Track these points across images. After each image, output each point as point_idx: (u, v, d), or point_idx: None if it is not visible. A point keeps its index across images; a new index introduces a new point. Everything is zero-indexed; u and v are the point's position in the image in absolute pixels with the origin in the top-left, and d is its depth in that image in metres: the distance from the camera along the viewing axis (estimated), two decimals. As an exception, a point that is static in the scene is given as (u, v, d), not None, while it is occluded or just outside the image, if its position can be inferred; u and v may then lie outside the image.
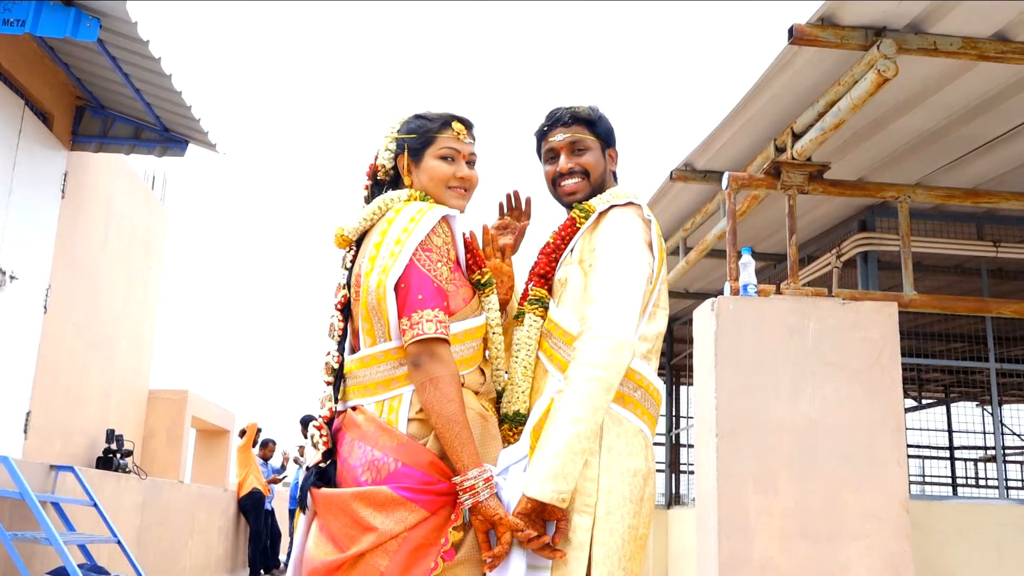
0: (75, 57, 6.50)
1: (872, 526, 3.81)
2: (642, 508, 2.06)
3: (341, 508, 1.96)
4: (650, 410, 2.13)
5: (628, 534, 2.02)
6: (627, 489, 2.04)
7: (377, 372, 2.06)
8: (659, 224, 2.29)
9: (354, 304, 2.13)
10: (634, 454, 2.07)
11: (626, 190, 2.29)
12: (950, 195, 4.82)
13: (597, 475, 2.02)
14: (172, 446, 9.86)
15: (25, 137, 6.41)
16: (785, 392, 3.89)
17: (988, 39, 3.74)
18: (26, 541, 5.24)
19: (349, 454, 2.03)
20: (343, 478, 2.03)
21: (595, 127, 2.31)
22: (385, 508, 1.92)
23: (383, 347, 2.05)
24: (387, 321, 2.03)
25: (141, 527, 7.74)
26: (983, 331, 6.23)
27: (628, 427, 2.08)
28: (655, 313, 2.17)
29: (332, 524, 1.98)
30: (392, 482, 1.94)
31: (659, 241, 2.20)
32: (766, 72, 4.11)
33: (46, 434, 7.06)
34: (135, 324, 9.11)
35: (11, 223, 6.31)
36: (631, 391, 2.09)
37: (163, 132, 7.20)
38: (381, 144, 2.27)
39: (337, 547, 1.96)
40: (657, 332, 2.17)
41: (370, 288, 2.04)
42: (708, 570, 3.82)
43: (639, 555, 2.06)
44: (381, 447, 1.98)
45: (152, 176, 9.74)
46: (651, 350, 2.16)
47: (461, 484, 1.92)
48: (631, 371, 2.07)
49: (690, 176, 5.29)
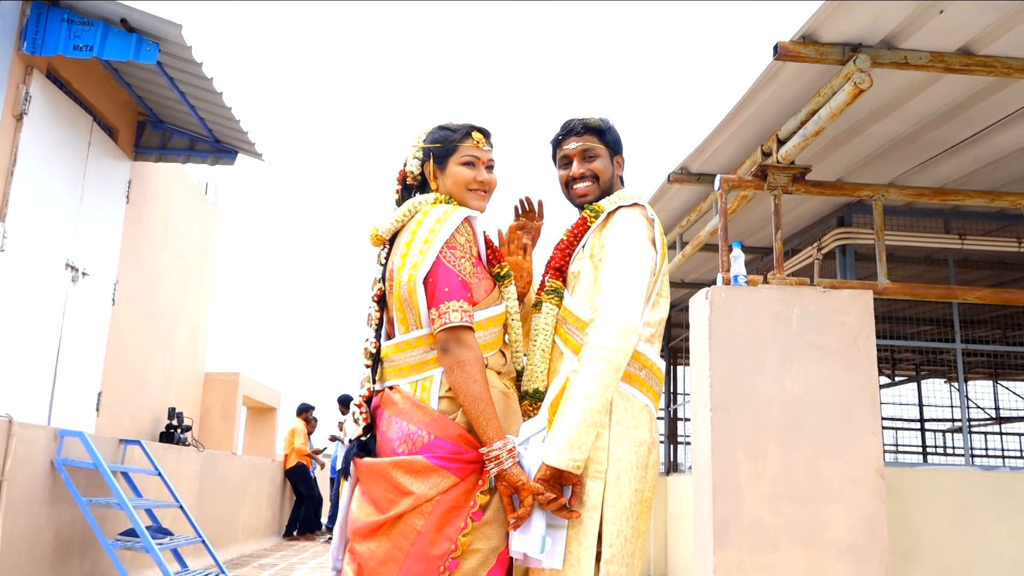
0: (137, 78, 6.56)
1: (850, 489, 3.82)
2: (647, 474, 2.10)
3: (382, 475, 2.03)
4: (654, 387, 2.16)
5: (635, 497, 2.06)
6: (634, 457, 2.07)
7: (411, 356, 2.11)
8: (660, 222, 2.31)
9: (388, 296, 2.17)
10: (640, 426, 2.11)
11: (632, 192, 2.31)
12: (920, 193, 4.79)
13: (607, 445, 2.06)
14: (226, 422, 9.95)
15: (94, 150, 6.47)
16: (772, 371, 3.90)
17: (954, 53, 3.72)
18: (100, 506, 5.31)
19: (387, 428, 2.09)
20: (382, 449, 2.09)
21: (604, 136, 2.35)
22: (421, 475, 1.99)
23: (415, 334, 2.11)
24: (418, 311, 2.08)
25: (200, 494, 7.82)
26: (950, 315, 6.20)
27: (635, 402, 2.12)
28: (658, 302, 2.21)
29: (373, 490, 2.05)
30: (426, 452, 2.00)
31: (661, 237, 2.23)
32: (753, 85, 4.10)
33: (115, 412, 7.15)
34: (192, 314, 9.19)
35: (83, 226, 6.38)
36: (637, 371, 2.13)
37: (215, 143, 7.25)
38: (408, 152, 2.31)
39: (378, 509, 2.03)
40: (660, 318, 2.21)
41: (402, 282, 2.09)
42: (704, 530, 3.84)
43: (645, 515, 2.10)
44: (416, 422, 2.04)
45: (205, 183, 9.81)
46: (655, 334, 2.19)
47: (487, 454, 1.98)
48: (637, 353, 2.11)
49: (686, 179, 5.28)
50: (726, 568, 3.67)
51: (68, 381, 6.23)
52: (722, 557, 3.69)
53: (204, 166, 7.73)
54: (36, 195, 5.70)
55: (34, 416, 5.73)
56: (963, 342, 6.23)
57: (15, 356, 5.53)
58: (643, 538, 2.10)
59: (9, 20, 5.33)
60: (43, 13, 5.40)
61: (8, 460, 4.49)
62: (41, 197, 5.78)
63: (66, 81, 6.12)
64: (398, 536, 1.98)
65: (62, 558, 5.15)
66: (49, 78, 5.83)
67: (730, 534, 3.71)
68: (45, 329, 5.92)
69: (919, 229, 5.68)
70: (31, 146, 5.58)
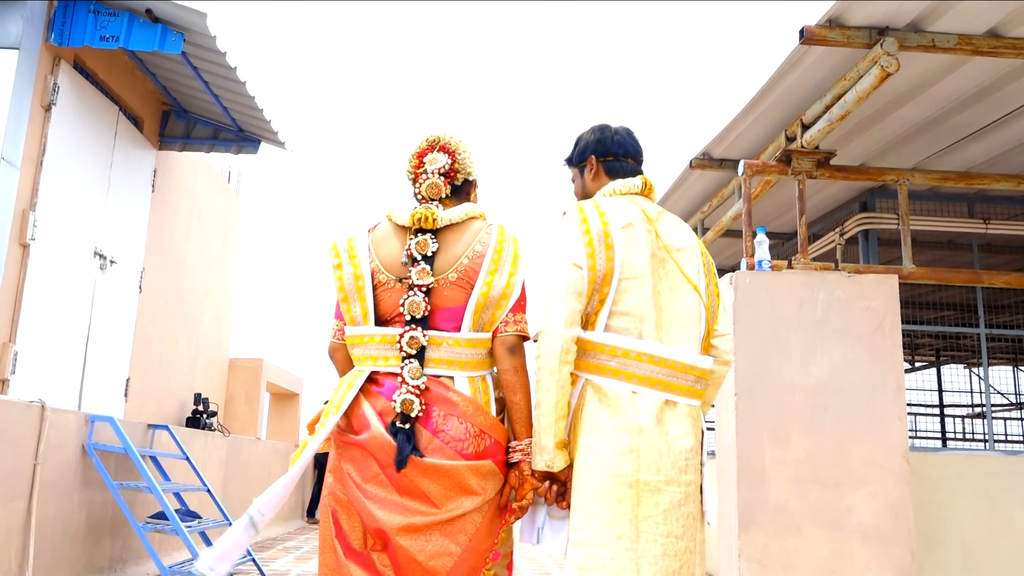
0: (161, 68, 6.58)
1: (875, 474, 3.79)
2: (631, 458, 2.04)
3: (451, 475, 2.03)
4: (636, 371, 2.11)
5: (611, 481, 2.03)
6: (609, 443, 2.05)
7: (475, 354, 2.15)
8: (673, 210, 2.32)
9: (453, 291, 2.15)
10: (620, 412, 2.08)
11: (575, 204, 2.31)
12: (945, 178, 4.74)
13: (577, 436, 2.11)
14: (250, 407, 10.03)
15: (120, 139, 6.51)
16: (797, 356, 3.88)
17: (982, 35, 3.67)
18: (129, 489, 5.38)
19: (445, 424, 2.08)
20: (438, 444, 2.07)
21: (571, 161, 2.46)
22: (488, 478, 2.08)
23: (484, 336, 2.15)
24: (494, 316, 2.14)
25: (225, 477, 7.90)
26: (970, 301, 6.13)
27: (609, 391, 2.11)
28: (626, 287, 2.16)
29: (430, 487, 2.03)
30: (489, 455, 2.08)
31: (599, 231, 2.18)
32: (778, 69, 4.06)
33: (143, 397, 7.22)
34: (216, 301, 9.26)
35: (109, 214, 6.43)
36: (607, 361, 2.12)
37: (238, 133, 7.27)
38: (464, 155, 2.29)
39: (432, 504, 2.03)
40: (635, 302, 2.15)
41: (497, 286, 2.14)
42: (729, 514, 3.83)
43: (643, 498, 2.04)
44: (478, 424, 2.10)
45: (228, 171, 9.85)
46: (637, 316, 2.14)
47: (523, 447, 2.12)
48: (598, 346, 2.13)
49: (708, 164, 5.24)
50: (751, 551, 3.67)
51: (97, 367, 6.29)
52: (747, 540, 3.68)
53: (227, 155, 7.76)
54: (65, 185, 5.75)
55: (65, 402, 5.80)
56: (987, 327, 6.16)
57: (46, 343, 5.60)
58: (653, 520, 2.02)
59: (37, 12, 5.36)
60: (70, 5, 5.43)
61: (41, 444, 4.55)
62: (70, 187, 5.82)
63: (92, 72, 6.15)
64: (456, 532, 2.02)
65: (93, 540, 5.22)
66: (76, 69, 5.86)
67: (755, 518, 3.70)
68: (75, 316, 5.98)
69: (943, 214, 5.62)
70: (59, 136, 5.62)
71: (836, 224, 5.79)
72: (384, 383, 2.11)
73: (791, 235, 6.66)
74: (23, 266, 5.31)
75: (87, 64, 6.05)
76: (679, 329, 2.17)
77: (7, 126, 5.25)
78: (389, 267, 2.18)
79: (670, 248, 2.22)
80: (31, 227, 5.34)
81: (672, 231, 2.25)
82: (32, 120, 5.37)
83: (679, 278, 2.21)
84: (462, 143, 2.30)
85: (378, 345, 2.13)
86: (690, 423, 2.14)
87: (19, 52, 5.37)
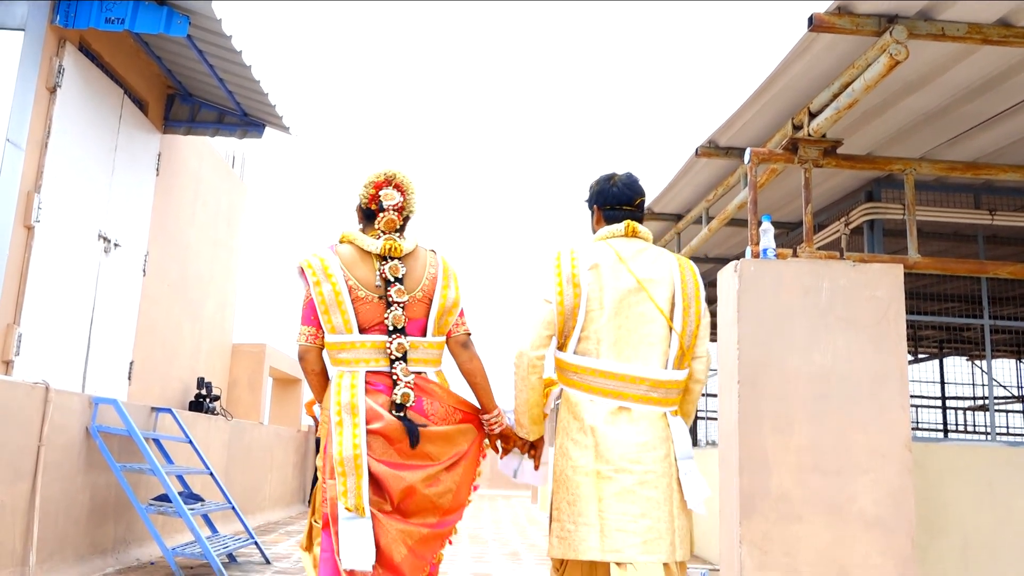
0: (167, 51, 6.56)
1: (877, 463, 3.79)
2: (587, 452, 2.62)
3: (446, 437, 2.71)
4: (592, 383, 2.67)
5: (572, 471, 2.63)
6: (570, 442, 2.67)
7: (437, 353, 2.79)
8: (678, 199, 2.36)
9: (418, 306, 2.74)
10: (580, 415, 2.67)
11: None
12: (952, 167, 4.71)
13: (556, 435, 2.77)
14: (253, 392, 10.06)
15: (125, 122, 6.50)
16: (800, 344, 3.87)
17: (992, 24, 3.64)
18: (133, 472, 5.39)
19: (431, 407, 2.71)
20: (431, 419, 2.70)
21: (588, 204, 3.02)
22: (466, 434, 2.80)
23: (441, 339, 2.79)
24: (448, 321, 2.78)
25: (228, 462, 7.92)
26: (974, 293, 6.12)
27: (574, 400, 2.70)
28: (591, 316, 2.70)
29: (431, 448, 2.67)
30: (463, 422, 2.79)
31: (570, 269, 2.74)
32: (786, 57, 4.03)
33: (146, 381, 7.24)
34: (220, 286, 9.26)
35: (114, 197, 6.43)
36: (573, 375, 2.71)
37: (243, 117, 7.25)
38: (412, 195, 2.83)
39: (433, 459, 2.67)
40: (595, 328, 2.69)
41: (449, 299, 2.78)
42: (731, 501, 3.83)
43: (594, 484, 2.59)
44: (451, 403, 2.78)
45: (232, 156, 9.83)
46: (596, 339, 2.69)
47: (496, 418, 2.86)
48: (568, 365, 2.72)
49: (713, 152, 5.22)
50: (752, 538, 3.67)
51: (101, 350, 6.30)
52: (748, 528, 3.68)
53: (232, 139, 7.74)
54: (69, 167, 5.74)
55: (69, 384, 5.81)
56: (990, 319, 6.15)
57: (51, 325, 5.60)
58: (608, 501, 2.56)
59: (42, -8, 5.34)
60: (75, -15, 5.41)
61: (45, 426, 4.56)
62: (74, 169, 5.81)
63: (97, 54, 6.13)
64: (451, 474, 2.70)
65: (97, 521, 5.24)
66: (81, 51, 5.84)
67: (756, 505, 3.71)
68: (79, 299, 5.98)
69: (948, 205, 5.59)
70: (64, 119, 5.61)
71: (841, 214, 5.77)
72: (377, 382, 2.65)
73: (795, 225, 6.64)
74: (28, 248, 5.31)
75: (92, 46, 6.03)
76: (641, 348, 2.67)
77: (12, 108, 5.24)
78: (366, 286, 2.69)
79: (643, 281, 2.71)
80: (36, 209, 5.34)
81: (647, 266, 2.75)
82: (37, 102, 5.36)
83: (649, 306, 2.70)
84: (412, 184, 2.84)
85: (368, 350, 2.65)
86: (645, 424, 2.63)
87: (24, 34, 5.35)
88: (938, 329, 9.70)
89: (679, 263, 2.78)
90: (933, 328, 9.71)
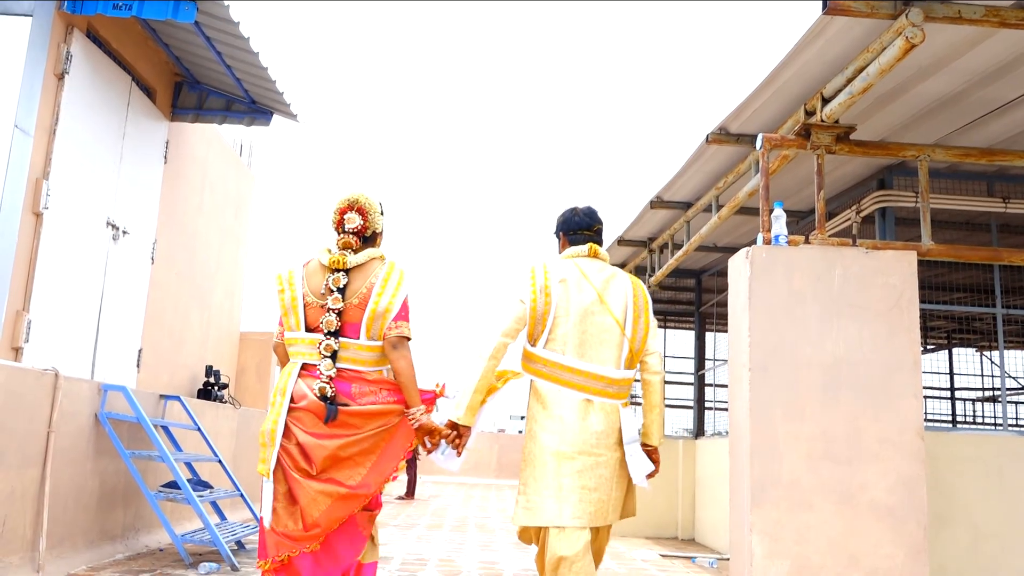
0: (174, 38, 6.53)
1: (889, 451, 3.76)
2: (553, 436, 3.08)
3: (366, 415, 3.10)
4: (559, 377, 3.13)
5: (538, 451, 3.10)
6: (539, 427, 3.13)
7: (372, 355, 3.16)
8: (687, 187, 2.30)
9: (355, 311, 3.12)
10: (549, 405, 3.12)
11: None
12: (967, 154, 4.65)
13: (527, 420, 3.19)
14: (260, 380, 10.06)
15: (132, 109, 6.47)
16: (812, 331, 3.83)
17: (1009, 7, 3.58)
18: (142, 458, 5.40)
19: (358, 388, 3.12)
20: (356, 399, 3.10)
21: (555, 232, 3.50)
22: (387, 414, 3.14)
23: (377, 343, 3.15)
24: (382, 325, 3.13)
25: (236, 449, 7.93)
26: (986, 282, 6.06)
27: (541, 388, 3.17)
28: (558, 322, 3.16)
29: (354, 421, 3.08)
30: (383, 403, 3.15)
31: (543, 278, 3.21)
32: (799, 41, 3.98)
33: (155, 368, 7.24)
34: (228, 274, 9.25)
35: (122, 185, 6.41)
36: (540, 367, 3.17)
37: (251, 104, 7.22)
38: (374, 216, 3.25)
39: (356, 429, 3.07)
40: (562, 332, 3.16)
41: (381, 304, 3.13)
42: (741, 489, 3.81)
43: (557, 463, 3.05)
44: (387, 389, 3.18)
45: (240, 144, 9.80)
46: (563, 340, 3.14)
47: (414, 412, 3.18)
48: (537, 357, 3.17)
49: (724, 139, 5.17)
50: (763, 526, 3.65)
51: (110, 337, 6.30)
52: (759, 515, 3.66)
53: (239, 127, 7.71)
54: (78, 154, 5.73)
55: (78, 371, 5.81)
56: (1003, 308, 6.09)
57: (60, 312, 5.60)
58: (569, 478, 3.03)
59: (50, -23, 5.31)
60: (83, -29, 5.38)
61: (55, 412, 4.56)
62: (82, 156, 5.80)
63: (105, 41, 6.11)
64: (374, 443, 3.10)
65: (106, 507, 5.25)
66: (89, 37, 5.82)
67: (767, 493, 3.68)
68: (88, 286, 5.98)
69: (961, 192, 5.53)
70: (72, 105, 5.59)
71: (852, 202, 5.71)
72: (312, 371, 3.12)
73: (807, 213, 6.59)
74: (36, 235, 5.30)
75: (100, 33, 6.00)
76: (600, 350, 3.15)
77: (20, 94, 5.22)
78: (315, 293, 3.15)
79: (603, 295, 3.20)
80: (44, 196, 5.33)
81: (606, 283, 3.24)
82: (45, 89, 5.34)
83: (606, 316, 3.18)
84: (374, 206, 3.26)
85: (307, 345, 3.13)
86: (603, 415, 3.12)
87: (32, 20, 5.33)
88: (947, 320, 9.65)
89: (631, 281, 3.30)
90: (942, 318, 9.66)
